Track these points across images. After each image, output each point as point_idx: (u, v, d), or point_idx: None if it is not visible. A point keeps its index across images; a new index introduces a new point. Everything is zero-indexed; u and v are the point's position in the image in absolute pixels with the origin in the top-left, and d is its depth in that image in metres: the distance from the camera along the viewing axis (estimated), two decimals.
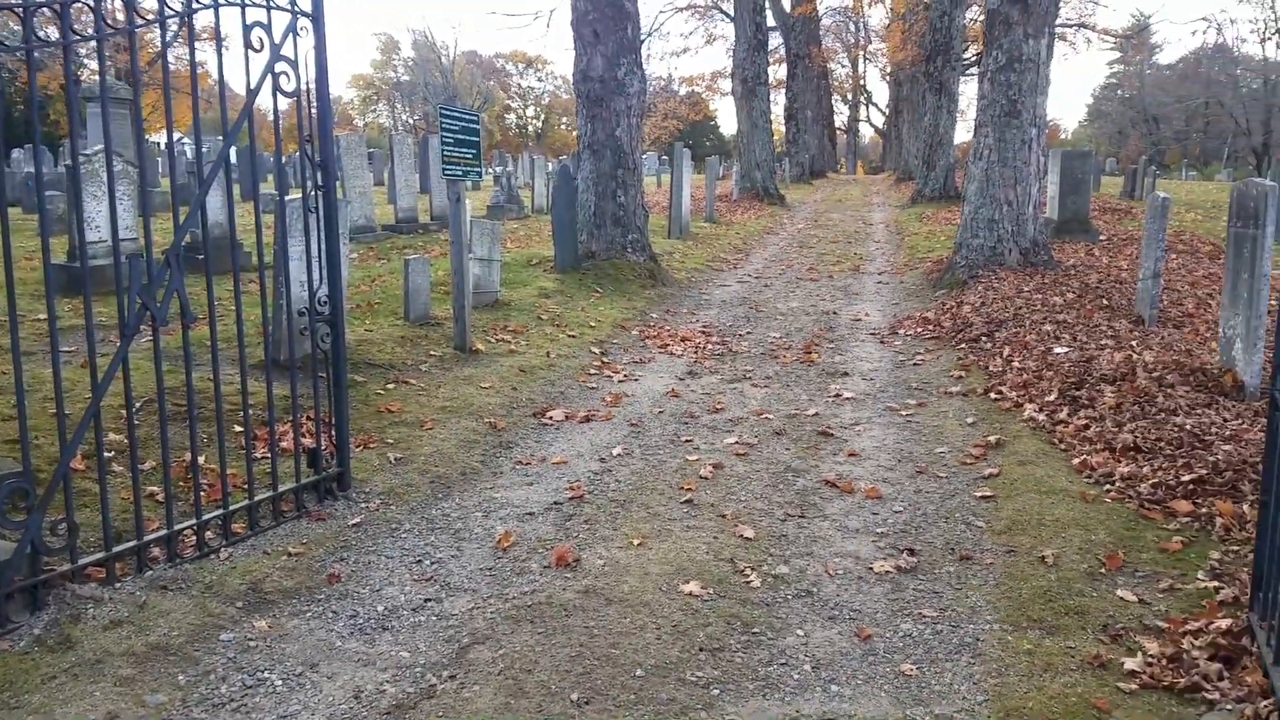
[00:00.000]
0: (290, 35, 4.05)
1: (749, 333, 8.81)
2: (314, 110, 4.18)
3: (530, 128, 71.26)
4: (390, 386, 6.07)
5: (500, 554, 3.90)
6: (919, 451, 5.24)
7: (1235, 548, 3.69)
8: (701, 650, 3.14)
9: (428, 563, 3.83)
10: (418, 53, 61.39)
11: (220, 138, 4.11)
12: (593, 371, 7.12)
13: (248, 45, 3.88)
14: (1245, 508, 3.94)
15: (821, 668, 3.05)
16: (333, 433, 4.44)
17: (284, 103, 4.24)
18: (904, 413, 6.02)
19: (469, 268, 7.37)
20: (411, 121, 64.45)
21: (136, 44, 3.59)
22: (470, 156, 7.15)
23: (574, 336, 8.12)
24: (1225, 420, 4.99)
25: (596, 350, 7.78)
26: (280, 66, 4.02)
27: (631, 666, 3.03)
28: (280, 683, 2.96)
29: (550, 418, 5.84)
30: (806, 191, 31.23)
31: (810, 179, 36.81)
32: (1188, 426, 4.83)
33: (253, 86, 3.91)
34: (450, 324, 7.33)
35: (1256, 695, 2.72)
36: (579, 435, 5.56)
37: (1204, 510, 4.02)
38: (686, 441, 5.44)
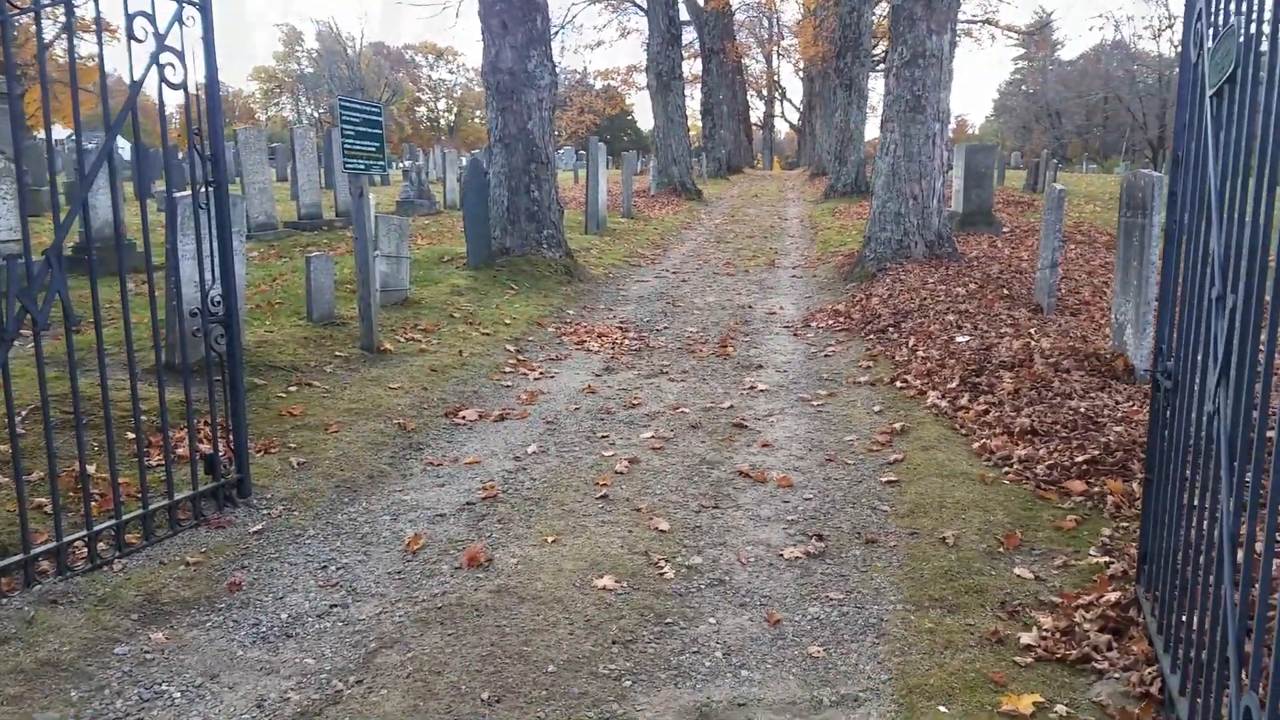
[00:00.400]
0: (176, 24, 3.89)
1: (666, 328, 8.84)
2: (203, 103, 4.03)
3: (442, 121, 70.16)
4: (293, 389, 5.90)
5: (410, 557, 3.83)
6: (829, 440, 5.34)
7: (1125, 524, 3.86)
8: (614, 643, 3.14)
9: (333, 568, 3.73)
10: (322, 44, 59.83)
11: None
12: (508, 369, 7.05)
13: (130, 35, 3.72)
14: (1134, 486, 4.12)
15: (732, 654, 3.09)
16: (230, 437, 4.30)
17: (180, 97, 4.08)
18: (815, 403, 6.13)
19: (375, 265, 7.21)
20: (317, 115, 62.75)
21: (11, 35, 3.39)
22: (373, 150, 6.98)
23: (488, 334, 8.02)
24: (1117, 402, 5.22)
25: (511, 348, 7.70)
26: (166, 57, 3.86)
27: (544, 663, 3.01)
28: (179, 695, 2.87)
29: (463, 417, 5.76)
30: (724, 187, 31.54)
31: (727, 174, 37.20)
32: (1082, 409, 5.04)
33: (136, 78, 3.75)
34: (357, 323, 7.17)
35: (1142, 664, 2.86)
36: (493, 434, 5.50)
37: (1096, 489, 4.19)
38: (603, 437, 5.43)
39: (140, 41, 3.75)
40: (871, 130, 27.69)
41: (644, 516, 4.22)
